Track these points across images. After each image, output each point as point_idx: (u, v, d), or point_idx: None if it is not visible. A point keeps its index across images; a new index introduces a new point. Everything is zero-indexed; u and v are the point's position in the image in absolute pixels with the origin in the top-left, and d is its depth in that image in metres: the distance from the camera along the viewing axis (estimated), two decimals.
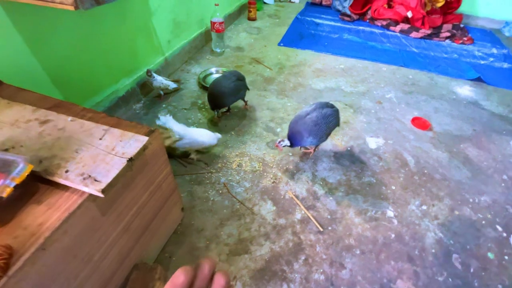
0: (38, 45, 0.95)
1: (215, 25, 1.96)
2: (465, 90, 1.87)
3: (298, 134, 1.11)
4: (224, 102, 1.36)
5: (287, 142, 1.12)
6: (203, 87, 1.69)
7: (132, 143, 0.58)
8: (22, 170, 0.48)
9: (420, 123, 1.51)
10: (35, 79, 0.98)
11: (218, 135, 1.20)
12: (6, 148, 0.55)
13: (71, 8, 0.71)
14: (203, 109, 1.53)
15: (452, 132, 1.49)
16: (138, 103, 1.52)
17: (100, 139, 0.59)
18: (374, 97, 1.72)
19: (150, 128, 0.66)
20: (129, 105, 1.47)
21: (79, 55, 1.13)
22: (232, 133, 1.40)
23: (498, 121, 1.60)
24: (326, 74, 1.94)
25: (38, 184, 0.52)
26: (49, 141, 0.57)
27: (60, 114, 0.65)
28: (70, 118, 0.64)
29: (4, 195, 0.45)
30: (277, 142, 1.12)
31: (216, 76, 1.82)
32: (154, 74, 1.47)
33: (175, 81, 1.64)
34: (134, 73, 1.48)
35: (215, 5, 1.91)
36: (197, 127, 1.22)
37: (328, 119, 1.12)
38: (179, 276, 0.21)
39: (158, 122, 1.13)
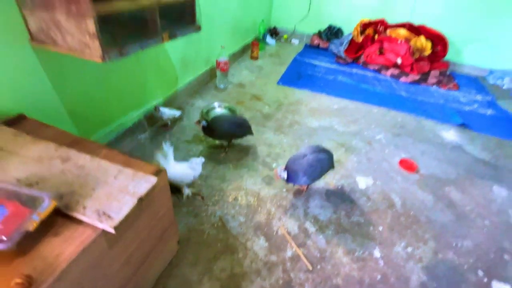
0: (60, 83, 1.07)
1: (220, 64, 2.14)
2: (450, 134, 2.00)
3: (294, 173, 1.19)
4: (226, 137, 1.49)
5: (284, 175, 1.20)
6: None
7: (143, 183, 0.66)
8: (47, 206, 0.55)
9: (407, 165, 1.61)
10: (54, 113, 1.08)
11: (201, 160, 1.25)
12: (31, 183, 0.62)
13: (99, 60, 0.83)
14: (204, 142, 1.63)
15: (437, 175, 1.58)
16: (143, 133, 1.62)
17: (115, 178, 0.67)
18: (364, 138, 1.83)
19: (159, 168, 0.74)
20: (135, 136, 1.57)
21: (94, 91, 1.24)
22: (230, 166, 1.48)
23: (481, 166, 1.70)
24: (321, 113, 2.08)
25: (57, 217, 0.59)
26: (69, 178, 0.65)
27: (80, 152, 0.73)
28: (88, 157, 0.72)
29: (31, 229, 0.52)
30: (277, 169, 1.20)
31: (218, 110, 1.94)
32: (161, 108, 1.58)
33: (178, 108, 1.78)
34: (142, 106, 1.60)
35: (221, 47, 2.10)
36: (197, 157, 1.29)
37: (323, 162, 1.21)
38: None
39: (156, 157, 1.18)
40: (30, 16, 0.85)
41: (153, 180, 0.68)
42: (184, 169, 1.21)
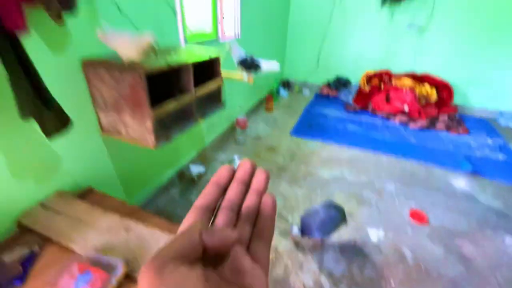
0: (117, 159, 1.34)
1: (240, 122, 2.43)
2: (460, 182, 2.08)
3: (307, 228, 1.34)
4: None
5: (297, 232, 1.35)
6: None
7: None
8: (120, 271, 0.75)
9: (418, 216, 1.70)
10: (110, 181, 1.34)
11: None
12: (105, 250, 0.83)
13: (152, 147, 1.09)
14: None
15: (448, 226, 1.65)
16: (175, 189, 1.85)
17: None
18: (375, 188, 1.96)
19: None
20: (168, 192, 1.80)
21: (140, 160, 1.51)
22: None
23: (493, 216, 1.75)
24: (332, 164, 2.25)
25: (125, 280, 0.78)
26: (132, 246, 0.85)
27: (137, 222, 0.95)
28: (144, 227, 0.93)
29: None
30: (291, 230, 1.36)
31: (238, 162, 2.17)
32: (190, 166, 1.84)
33: (203, 164, 2.03)
34: (175, 165, 1.86)
35: (239, 106, 2.41)
36: None
37: (335, 219, 1.36)
38: (223, 170, 0.24)
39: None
40: (103, 116, 1.15)
41: None
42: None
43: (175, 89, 1.26)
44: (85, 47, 1.05)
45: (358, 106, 3.35)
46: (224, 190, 0.24)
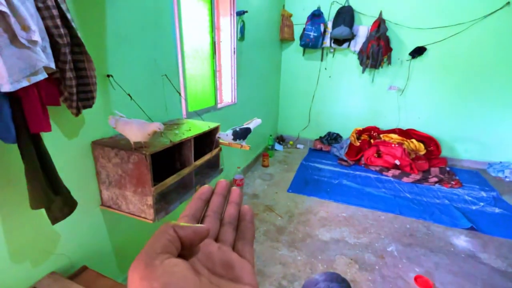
0: (114, 234, 1.33)
1: (237, 181, 2.47)
2: (461, 241, 2.05)
3: None
4: None
5: None
6: None
7: None
8: None
9: (423, 282, 1.63)
10: (106, 257, 1.31)
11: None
12: None
13: (151, 222, 1.10)
14: None
15: None
16: None
17: None
18: (376, 250, 1.91)
19: None
20: None
21: (137, 234, 1.50)
22: None
23: (499, 278, 1.69)
24: (331, 223, 2.22)
25: None
26: None
27: None
28: None
29: None
30: None
31: None
32: None
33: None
34: None
35: (238, 168, 2.48)
36: None
37: None
38: (204, 187, 0.28)
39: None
40: (105, 190, 1.18)
41: None
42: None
43: (177, 161, 1.33)
44: (96, 131, 1.15)
45: (351, 161, 3.45)
46: (206, 203, 0.27)
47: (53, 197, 0.83)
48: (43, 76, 0.76)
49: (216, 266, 0.22)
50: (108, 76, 1.16)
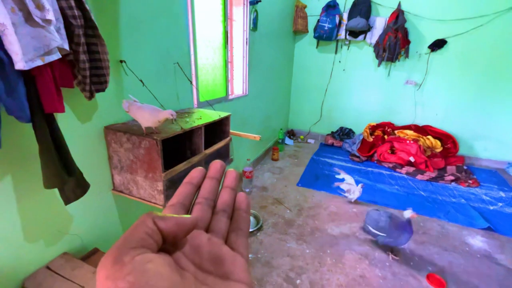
0: (125, 218, 1.35)
1: (246, 173, 2.46)
2: (477, 241, 1.97)
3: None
4: None
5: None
6: None
7: None
8: None
9: (435, 281, 1.58)
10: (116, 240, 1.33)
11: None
12: None
13: (161, 207, 1.11)
14: None
15: None
16: None
17: None
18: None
19: None
20: None
21: None
22: (255, 282, 1.56)
23: None
24: (340, 218, 2.19)
25: None
26: None
27: None
28: None
29: None
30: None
31: None
32: None
33: None
34: None
35: (247, 160, 2.47)
36: None
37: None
38: (195, 171, 0.25)
39: None
40: (117, 175, 1.20)
41: None
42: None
43: (187, 149, 1.33)
44: (109, 116, 1.16)
45: (363, 157, 3.38)
46: (197, 188, 0.24)
47: (66, 177, 0.84)
48: (57, 56, 0.76)
49: (204, 260, 0.19)
50: (121, 61, 1.16)
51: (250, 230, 1.96)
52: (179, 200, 0.23)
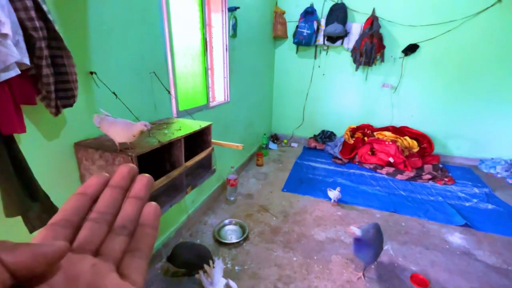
0: None
1: (230, 181, 2.42)
2: (456, 238, 2.05)
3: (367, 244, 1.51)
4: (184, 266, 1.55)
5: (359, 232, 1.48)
6: (217, 241, 1.92)
7: None
8: None
9: (419, 281, 1.61)
10: None
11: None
12: None
13: None
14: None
15: None
16: (160, 262, 1.72)
17: None
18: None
19: None
20: (153, 265, 1.67)
21: None
22: None
23: (494, 275, 1.69)
24: (326, 222, 2.20)
25: None
26: None
27: None
28: None
29: None
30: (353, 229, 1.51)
31: (229, 227, 2.08)
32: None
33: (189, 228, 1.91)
34: (162, 235, 1.77)
35: (231, 167, 2.43)
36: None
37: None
38: (93, 178, 0.21)
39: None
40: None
41: None
42: None
43: (166, 162, 1.27)
44: (79, 131, 1.08)
45: (345, 159, 3.44)
46: (93, 200, 0.20)
47: (30, 203, 0.77)
48: (15, 72, 0.70)
49: None
50: (91, 73, 1.09)
51: (236, 240, 1.92)
52: (64, 217, 0.18)
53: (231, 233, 2.02)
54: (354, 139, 3.59)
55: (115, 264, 0.18)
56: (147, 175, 0.23)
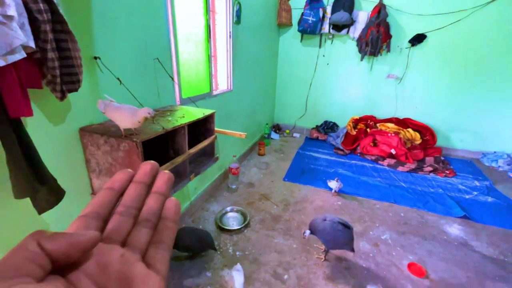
0: None
1: (232, 169, 2.44)
2: (454, 229, 2.08)
3: (314, 229, 1.58)
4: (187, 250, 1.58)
5: (308, 233, 1.58)
6: (219, 227, 1.96)
7: None
8: None
9: (416, 269, 1.65)
10: None
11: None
12: None
13: None
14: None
15: (447, 279, 1.60)
16: None
17: None
18: (371, 238, 1.93)
19: None
20: None
21: None
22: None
23: (490, 265, 1.72)
24: (326, 212, 2.23)
25: None
26: None
27: None
28: None
29: None
30: (305, 233, 1.60)
31: (231, 215, 2.12)
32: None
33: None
34: None
35: (233, 156, 2.44)
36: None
37: (338, 234, 1.50)
38: (119, 174, 0.22)
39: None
40: (96, 179, 1.14)
41: None
42: None
43: (170, 149, 1.28)
44: (84, 117, 1.09)
45: (347, 150, 3.44)
46: (120, 194, 0.22)
47: (38, 186, 0.78)
48: (21, 55, 0.70)
49: (111, 281, 0.17)
50: (95, 58, 1.09)
51: (238, 227, 1.95)
52: (94, 210, 0.20)
53: (232, 220, 2.06)
54: (356, 130, 3.58)
55: (141, 254, 0.20)
56: (168, 171, 0.24)
